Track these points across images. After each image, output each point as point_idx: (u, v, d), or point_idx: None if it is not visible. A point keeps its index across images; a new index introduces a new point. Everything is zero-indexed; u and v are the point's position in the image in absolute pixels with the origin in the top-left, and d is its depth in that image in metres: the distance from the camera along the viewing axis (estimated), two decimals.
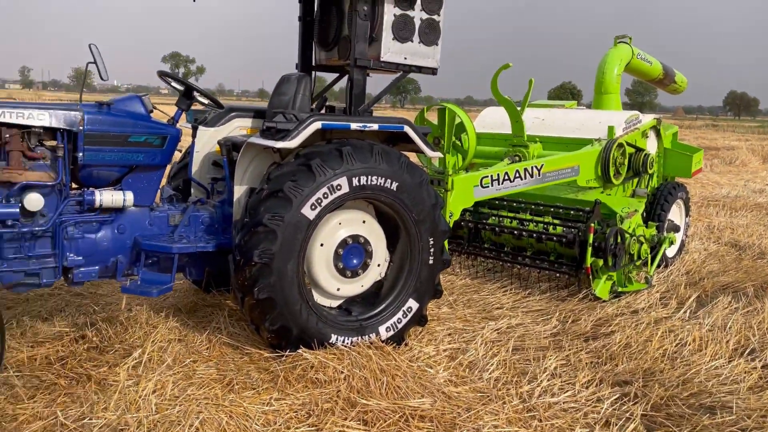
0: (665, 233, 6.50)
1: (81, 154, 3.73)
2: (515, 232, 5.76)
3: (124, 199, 3.87)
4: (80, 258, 3.78)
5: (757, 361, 4.15)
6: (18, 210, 3.50)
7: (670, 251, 6.87)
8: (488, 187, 5.57)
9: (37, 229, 3.61)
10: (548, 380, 3.80)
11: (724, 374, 3.92)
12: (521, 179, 5.69)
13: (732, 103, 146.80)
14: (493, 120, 7.14)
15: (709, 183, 14.19)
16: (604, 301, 5.37)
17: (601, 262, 5.35)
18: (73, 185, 3.93)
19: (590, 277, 5.37)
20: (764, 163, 20.15)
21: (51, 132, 3.70)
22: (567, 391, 3.69)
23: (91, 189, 3.85)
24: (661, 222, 6.57)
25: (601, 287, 5.43)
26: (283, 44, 5.24)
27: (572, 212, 5.69)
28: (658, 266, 6.42)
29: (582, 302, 5.36)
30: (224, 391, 3.49)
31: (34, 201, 3.55)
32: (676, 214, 7.03)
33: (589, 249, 5.25)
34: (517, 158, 6.16)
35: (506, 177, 5.61)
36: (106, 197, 3.82)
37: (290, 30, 5.01)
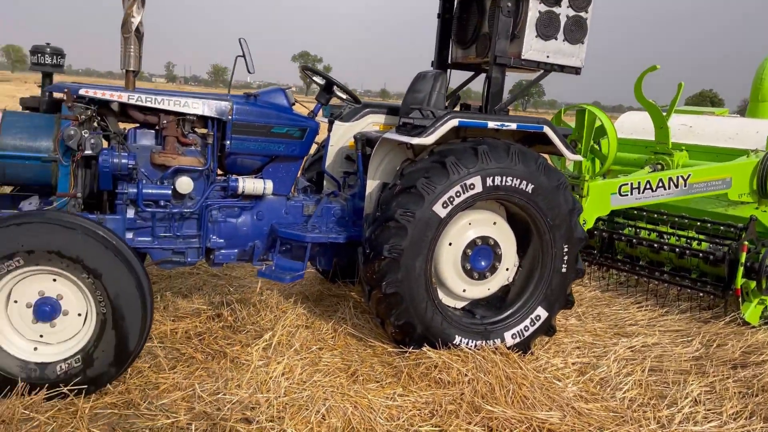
0: None
1: (228, 142, 3.92)
2: (654, 245, 5.38)
3: (264, 188, 4.03)
4: (222, 240, 3.98)
5: None
6: (170, 192, 3.75)
7: None
8: (627, 195, 5.26)
9: (185, 210, 3.85)
10: (690, 407, 3.49)
11: None
12: (664, 189, 5.31)
13: None
14: (634, 125, 6.74)
15: None
16: (753, 327, 4.88)
17: (753, 284, 4.87)
18: (219, 172, 4.15)
19: (740, 299, 4.90)
20: None
21: (203, 120, 3.92)
22: (712, 420, 3.37)
23: (234, 176, 4.04)
24: None
25: (752, 311, 4.93)
26: (406, 44, 5.22)
27: (722, 228, 5.22)
28: None
29: (728, 326, 4.89)
30: (349, 381, 3.53)
31: (184, 184, 3.78)
32: None
33: (741, 269, 4.79)
34: (659, 166, 5.78)
35: (648, 186, 5.26)
36: (249, 184, 3.99)
37: (414, 30, 4.99)
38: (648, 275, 5.55)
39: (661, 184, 5.30)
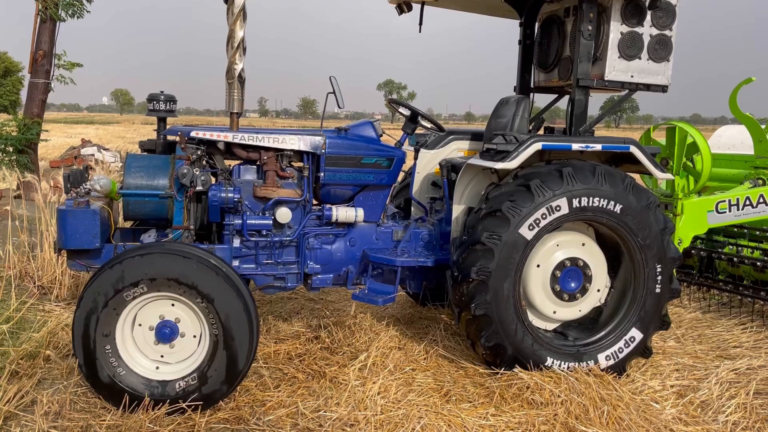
0: None
1: (322, 174, 4.19)
2: (758, 263, 5.15)
3: (356, 215, 4.26)
4: (318, 266, 4.23)
5: None
6: (271, 222, 4.05)
7: None
8: (725, 213, 5.09)
9: (285, 239, 4.14)
10: None
11: None
12: (766, 205, 5.10)
13: None
14: (731, 139, 6.49)
15: None
16: None
17: None
18: (314, 202, 4.43)
19: None
20: None
21: (299, 154, 4.22)
22: None
23: (328, 205, 4.30)
24: None
25: None
26: (490, 70, 5.35)
27: None
28: None
29: None
30: (442, 401, 3.64)
31: (284, 214, 4.07)
32: None
33: None
34: (760, 182, 5.54)
35: (747, 202, 5.07)
36: (342, 213, 4.23)
37: (498, 56, 5.12)
38: (753, 295, 5.31)
39: (762, 200, 5.09)
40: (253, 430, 3.33)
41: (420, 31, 5.25)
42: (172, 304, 3.53)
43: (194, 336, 3.56)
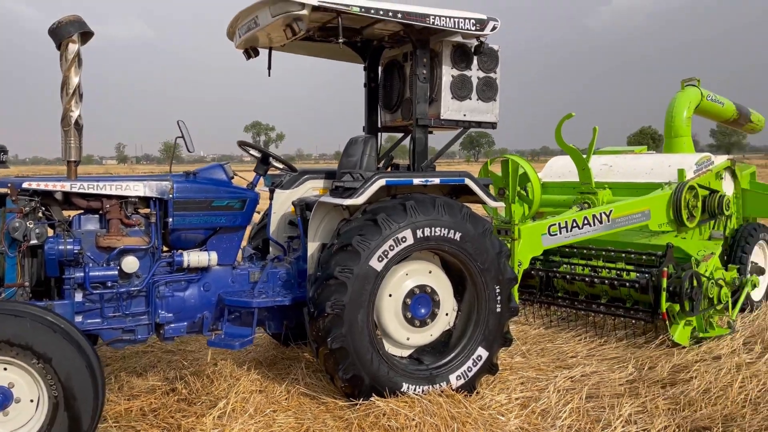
0: (748, 275, 6.25)
1: (171, 219, 4.12)
2: (587, 279, 5.73)
3: (209, 259, 4.22)
4: (171, 314, 4.12)
5: None
6: (117, 272, 3.91)
7: (757, 294, 6.57)
8: (556, 234, 5.61)
9: (132, 289, 4.00)
10: (623, 426, 3.74)
11: None
12: (590, 226, 5.70)
13: None
14: (560, 168, 7.21)
15: None
16: (683, 347, 5.21)
17: (677, 307, 5.22)
18: (164, 248, 4.33)
19: (667, 322, 5.24)
20: None
21: (145, 200, 4.13)
22: None
23: (179, 251, 4.23)
24: (742, 264, 6.33)
25: (680, 333, 5.27)
26: (353, 109, 5.61)
27: (645, 257, 5.62)
28: (743, 310, 6.16)
29: (659, 348, 5.22)
30: None
31: (130, 263, 3.94)
32: (759, 256, 6.76)
33: (664, 294, 5.15)
34: (585, 205, 6.18)
35: (574, 224, 5.64)
36: (194, 258, 4.18)
37: (359, 95, 5.37)
38: (586, 308, 5.88)
39: (586, 222, 5.68)
40: None
41: (269, 75, 5.38)
42: (5, 368, 3.27)
43: (31, 400, 3.31)
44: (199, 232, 4.30)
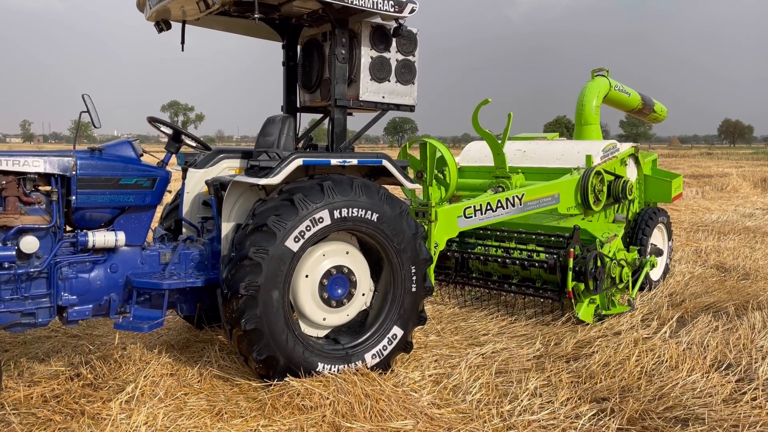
0: (647, 257, 6.65)
1: (74, 197, 3.92)
2: (500, 260, 5.92)
3: (116, 239, 4.05)
4: (74, 297, 3.94)
5: (732, 375, 4.26)
6: (14, 253, 3.68)
7: (655, 274, 7.01)
8: (472, 217, 5.75)
9: (32, 270, 3.78)
10: (529, 399, 3.91)
11: (698, 388, 4.03)
12: (503, 209, 5.88)
13: (726, 131, 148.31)
14: (477, 153, 7.38)
15: (700, 209, 14.38)
16: (587, 324, 5.50)
17: (582, 286, 5.49)
18: (67, 228, 4.12)
19: (572, 300, 5.51)
20: (755, 188, 20.37)
21: (45, 177, 3.90)
22: (546, 409, 3.80)
23: (84, 231, 4.03)
24: (642, 246, 6.73)
25: (584, 310, 5.56)
26: (276, 89, 5.51)
27: (553, 239, 5.87)
28: (642, 289, 6.57)
29: (565, 325, 5.48)
30: (213, 420, 3.60)
31: (29, 243, 3.72)
32: (658, 238, 7.20)
33: (570, 273, 5.40)
34: (500, 189, 6.36)
35: (489, 207, 5.80)
36: (99, 238, 3.99)
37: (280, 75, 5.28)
38: (499, 288, 6.08)
39: (500, 205, 5.86)
40: None
41: (183, 50, 5.19)
42: None
43: None
44: (106, 212, 4.12)
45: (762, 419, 3.64)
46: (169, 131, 4.55)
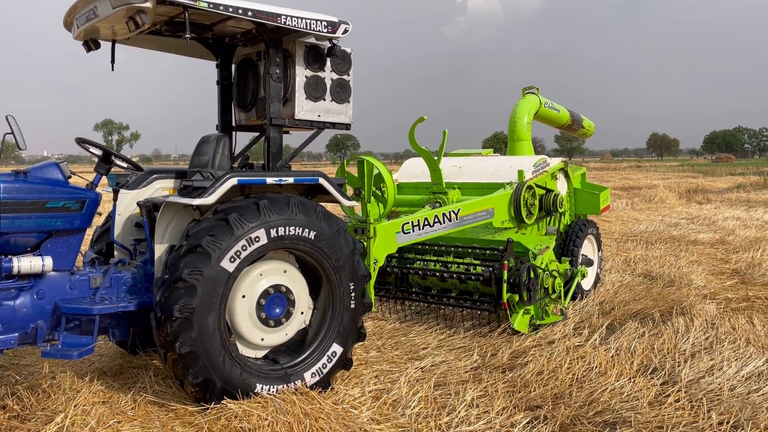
0: (579, 267, 6.91)
1: None
2: (438, 274, 6.02)
3: (43, 265, 3.91)
4: None
5: (656, 378, 4.48)
6: None
7: (587, 284, 7.28)
8: (410, 232, 5.84)
9: None
10: (466, 411, 3.99)
11: (626, 392, 4.21)
12: (441, 224, 5.99)
13: (654, 144, 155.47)
14: (414, 170, 7.51)
15: (629, 220, 15.01)
16: (522, 335, 5.65)
17: (517, 297, 5.65)
18: None
19: (508, 312, 5.66)
20: (680, 198, 21.47)
21: None
22: (483, 419, 3.89)
23: (8, 256, 3.88)
24: (574, 257, 6.99)
25: (519, 321, 5.72)
26: (213, 107, 5.48)
27: (488, 252, 6.02)
28: (574, 298, 6.81)
29: (501, 336, 5.62)
30: None
31: None
32: (588, 248, 7.49)
33: (505, 285, 5.55)
34: (437, 204, 6.48)
35: (426, 222, 5.90)
36: (24, 263, 3.85)
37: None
38: (438, 302, 6.18)
39: (437, 220, 5.97)
40: None
41: (113, 69, 5.09)
42: None
43: None
44: (31, 236, 3.98)
45: (685, 419, 3.84)
46: (98, 152, 4.45)
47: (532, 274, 5.71)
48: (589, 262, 7.22)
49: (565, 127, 9.59)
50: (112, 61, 4.97)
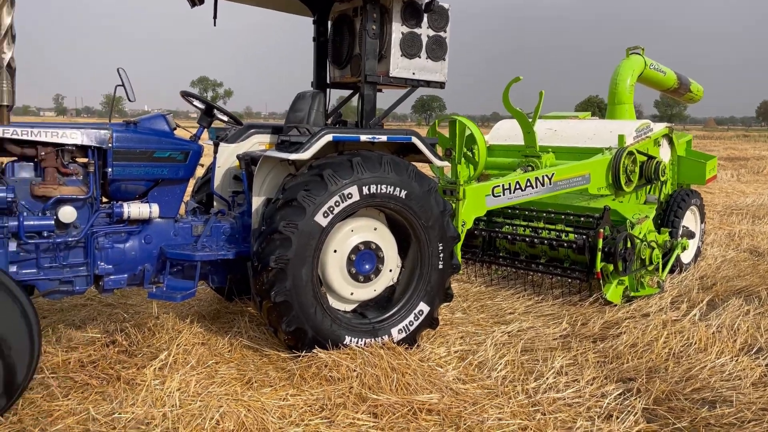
0: (679, 239, 6.56)
1: (110, 169, 4.01)
2: (528, 240, 5.90)
3: (150, 211, 4.14)
4: (110, 266, 4.05)
5: (762, 358, 4.21)
6: (53, 222, 3.79)
7: (686, 257, 6.92)
8: (500, 196, 5.73)
9: (70, 239, 3.89)
10: (554, 378, 3.93)
11: (727, 371, 4.00)
12: (532, 188, 5.84)
13: (765, 113, 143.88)
14: (507, 132, 7.32)
15: (734, 192, 14.07)
16: (614, 306, 5.47)
17: (611, 267, 5.45)
18: (103, 199, 4.22)
19: (601, 281, 5.47)
20: None
21: (83, 149, 3.99)
22: (572, 387, 3.82)
23: (119, 202, 4.13)
24: (674, 228, 6.64)
25: (612, 291, 5.52)
26: (307, 65, 5.52)
27: (583, 219, 5.82)
28: (672, 271, 6.49)
29: (593, 306, 5.46)
30: (243, 389, 3.70)
31: (67, 213, 3.83)
32: (690, 220, 7.08)
33: (599, 254, 5.36)
34: (529, 168, 6.31)
35: (518, 186, 5.77)
36: (134, 209, 4.09)
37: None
38: (526, 268, 6.07)
39: (529, 184, 5.82)
40: None
41: (215, 25, 5.22)
42: None
43: None
44: (140, 184, 4.21)
45: None
46: (201, 105, 4.61)
47: (628, 244, 5.48)
48: (690, 234, 6.83)
49: (671, 90, 9.00)
50: (215, 17, 5.08)
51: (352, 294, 4.38)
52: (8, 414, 3.32)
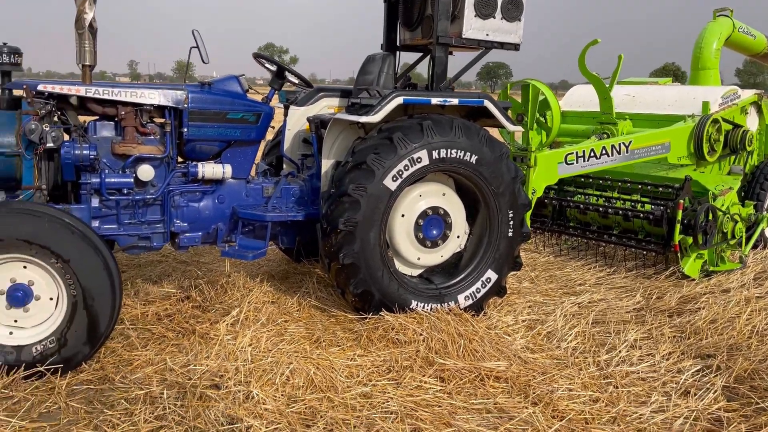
0: (764, 213, 6.19)
1: (186, 129, 4.09)
2: (601, 210, 5.70)
3: (224, 172, 4.22)
4: (185, 224, 4.17)
5: None
6: (132, 180, 3.92)
7: None
8: (573, 164, 5.55)
9: (148, 197, 4.02)
10: (627, 351, 3.81)
11: None
12: (608, 156, 5.62)
13: None
14: (581, 98, 7.04)
15: None
16: (692, 280, 5.23)
17: (690, 239, 5.21)
18: (179, 159, 4.33)
19: (678, 254, 5.24)
20: None
21: (160, 110, 4.09)
22: (646, 361, 3.69)
23: (194, 162, 4.22)
24: (759, 201, 6.26)
25: (690, 265, 5.28)
26: (371, 30, 5.43)
27: (661, 189, 5.57)
28: (755, 246, 6.14)
29: (668, 280, 5.25)
30: (312, 347, 3.77)
31: (146, 172, 3.95)
32: None
33: (678, 226, 5.12)
34: (605, 135, 6.07)
35: (592, 154, 5.56)
36: (208, 169, 4.18)
37: (379, 14, 5.18)
38: (597, 239, 5.88)
39: (604, 152, 5.60)
40: (118, 388, 3.29)
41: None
42: (24, 267, 3.35)
43: (51, 298, 3.41)
44: (214, 144, 4.28)
45: None
46: (273, 67, 4.62)
47: (710, 216, 5.21)
48: None
49: (761, 55, 8.40)
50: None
51: (418, 259, 4.35)
52: (91, 361, 3.50)
